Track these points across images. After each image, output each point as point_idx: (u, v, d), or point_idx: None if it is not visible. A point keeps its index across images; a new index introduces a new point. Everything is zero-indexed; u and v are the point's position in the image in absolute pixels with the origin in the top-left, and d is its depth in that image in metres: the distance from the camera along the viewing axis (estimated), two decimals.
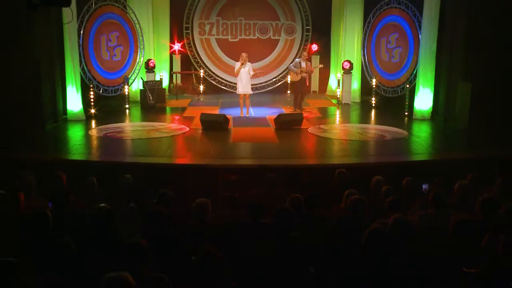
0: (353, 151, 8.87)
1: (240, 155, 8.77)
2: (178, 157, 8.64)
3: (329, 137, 9.90)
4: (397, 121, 11.50)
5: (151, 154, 8.55)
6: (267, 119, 11.86)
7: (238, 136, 10.09)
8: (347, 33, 14.86)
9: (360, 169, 7.69)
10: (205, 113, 10.98)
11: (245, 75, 11.87)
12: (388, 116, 12.27)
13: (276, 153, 8.77)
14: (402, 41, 12.96)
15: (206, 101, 14.89)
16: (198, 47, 16.58)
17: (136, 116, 12.79)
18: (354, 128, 10.92)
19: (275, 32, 16.68)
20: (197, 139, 10.00)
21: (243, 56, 11.89)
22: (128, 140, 9.68)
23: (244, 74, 11.87)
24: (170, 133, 10.19)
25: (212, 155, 8.50)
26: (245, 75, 11.87)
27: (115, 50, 13.51)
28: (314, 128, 10.75)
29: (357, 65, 14.75)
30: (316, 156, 8.72)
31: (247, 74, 11.89)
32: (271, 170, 6.82)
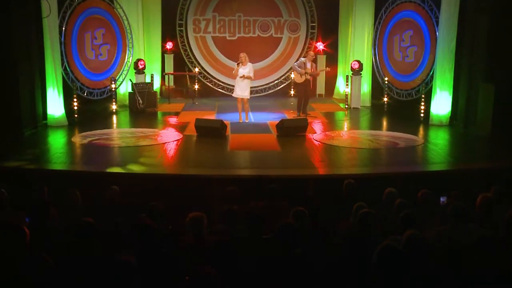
0: (362, 160, 8.87)
1: (239, 165, 8.78)
2: (170, 166, 8.64)
3: (336, 145, 9.91)
4: (412, 127, 11.52)
5: (140, 163, 8.56)
6: (268, 125, 11.88)
7: (236, 143, 10.10)
8: (356, 31, 14.92)
9: (370, 180, 7.69)
10: (200, 119, 11.00)
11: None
12: (401, 122, 12.28)
13: (278, 162, 8.77)
14: (417, 39, 13.01)
15: (201, 105, 14.91)
16: (192, 46, 16.65)
17: (124, 121, 12.80)
18: (364, 135, 10.93)
19: (277, 30, 16.76)
20: (192, 147, 10.00)
21: (241, 56, 11.92)
22: (116, 148, 9.69)
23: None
24: (161, 141, 10.19)
25: (208, 164, 8.50)
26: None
27: (101, 48, 13.56)
28: (320, 135, 10.76)
29: (367, 66, 14.80)
30: (322, 165, 8.72)
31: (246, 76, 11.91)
32: (273, 181, 6.82)
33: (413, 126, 11.71)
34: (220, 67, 16.76)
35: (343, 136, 10.86)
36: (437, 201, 6.40)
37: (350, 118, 13.34)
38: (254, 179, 7.71)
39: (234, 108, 12.73)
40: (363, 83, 14.76)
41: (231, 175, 8.00)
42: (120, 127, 11.99)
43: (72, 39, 12.53)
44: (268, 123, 12.06)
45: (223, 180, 7.58)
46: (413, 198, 6.08)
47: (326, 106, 14.97)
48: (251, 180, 7.67)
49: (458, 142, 10.47)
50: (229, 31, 16.68)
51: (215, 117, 12.75)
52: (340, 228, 5.23)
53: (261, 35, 16.74)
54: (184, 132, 10.97)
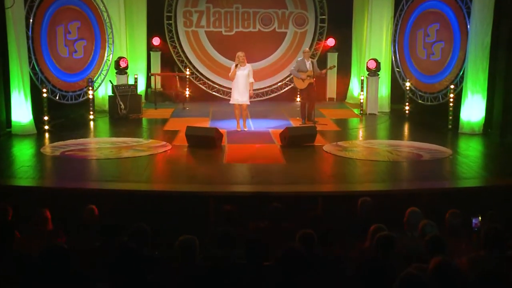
0: (380, 175, 8.86)
1: (237, 180, 8.77)
2: (157, 182, 8.63)
3: (349, 157, 9.91)
4: (438, 136, 11.53)
5: (122, 178, 8.55)
6: (271, 133, 11.90)
7: (233, 155, 10.11)
8: (373, 24, 15.00)
9: (390, 198, 7.68)
10: (192, 127, 11.01)
11: (243, 80, 11.90)
12: (426, 130, 12.29)
13: (282, 177, 8.77)
14: (444, 34, 13.05)
15: (193, 111, 14.94)
16: (183, 42, 16.73)
17: (104, 129, 12.81)
18: (382, 145, 10.94)
19: (281, 23, 16.85)
20: (182, 159, 10.00)
21: (239, 56, 11.92)
22: (93, 161, 9.69)
23: (241, 79, 11.89)
24: (147, 152, 10.21)
25: (200, 179, 8.50)
26: (243, 80, 11.90)
27: (75, 45, 13.62)
28: (331, 146, 10.77)
29: (385, 65, 14.85)
30: (333, 181, 8.71)
31: (245, 79, 11.91)
32: (276, 199, 6.81)
33: (440, 135, 11.72)
34: (214, 67, 16.83)
35: (358, 147, 10.86)
36: (468, 223, 6.38)
37: (365, 125, 13.34)
38: (254, 196, 7.70)
39: (231, 114, 12.74)
40: (381, 85, 14.80)
41: (227, 191, 7.99)
42: (99, 136, 11.99)
43: (41, 34, 12.56)
44: (270, 132, 12.07)
45: (218, 197, 7.58)
46: (440, 219, 6.07)
47: (338, 112, 14.97)
48: (251, 198, 7.65)
49: (493, 154, 10.47)
50: (226, 25, 16.77)
51: (209, 124, 12.75)
52: (354, 254, 5.21)
53: (262, 30, 16.82)
54: (173, 142, 10.97)
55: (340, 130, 12.59)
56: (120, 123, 13.11)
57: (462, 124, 12.03)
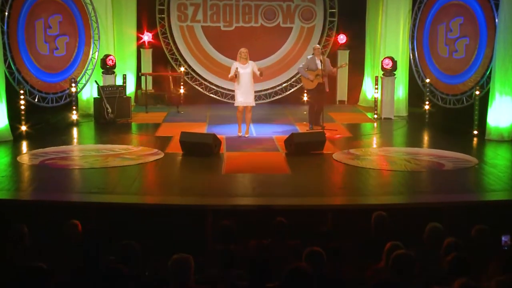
0: (397, 186, 8.85)
1: (237, 192, 8.76)
2: (148, 194, 8.62)
3: (362, 166, 9.89)
4: (462, 143, 11.51)
5: (109, 190, 8.54)
6: (275, 140, 11.91)
7: (233, 164, 10.10)
8: (388, 18, 15.00)
9: (407, 212, 7.65)
10: (187, 132, 11.01)
11: (247, 79, 11.90)
12: (448, 136, 12.28)
13: (288, 188, 8.75)
14: (469, 28, 13.04)
15: (188, 115, 14.94)
16: (177, 39, 16.75)
17: (88, 136, 12.80)
18: (399, 153, 10.92)
19: (286, 18, 16.87)
20: (176, 168, 9.98)
21: (242, 52, 11.92)
22: (76, 171, 9.69)
23: (244, 78, 11.89)
24: (137, 161, 10.20)
25: (196, 191, 8.49)
26: (247, 80, 11.91)
27: (57, 41, 13.63)
28: (342, 154, 10.76)
29: (402, 64, 14.85)
30: (344, 193, 8.70)
31: (249, 78, 11.92)
32: (281, 213, 6.79)
33: (464, 142, 11.69)
34: (212, 66, 16.84)
35: (372, 155, 10.85)
36: (497, 240, 6.36)
37: (380, 131, 13.33)
38: (256, 210, 7.69)
39: (231, 118, 12.74)
40: (398, 86, 14.79)
41: (226, 205, 7.98)
42: (83, 143, 11.98)
43: (18, 28, 12.55)
44: (274, 138, 12.07)
45: (216, 211, 7.57)
46: (465, 236, 6.04)
47: (349, 116, 14.97)
48: (252, 212, 7.64)
49: None
50: (224, 19, 16.79)
51: (206, 130, 12.74)
52: (368, 275, 5.19)
53: (265, 25, 16.84)
54: (166, 150, 10.96)
55: (351, 137, 12.58)
56: (107, 129, 13.10)
57: (489, 129, 12.01)
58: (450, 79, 13.64)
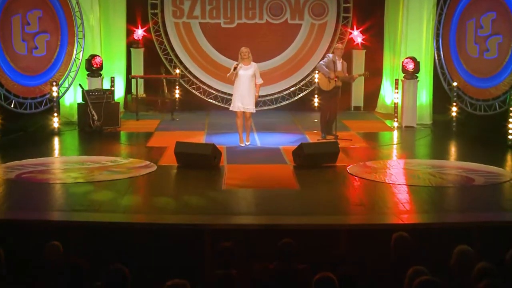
0: (420, 204, 8.84)
1: (239, 209, 8.76)
2: (139, 212, 8.62)
3: (381, 181, 9.89)
4: (494, 155, 11.51)
5: (95, 207, 8.54)
6: (281, 151, 11.92)
7: (235, 178, 10.10)
8: (410, 14, 14.99)
9: (432, 233, 7.65)
10: (182, 142, 11.02)
11: (247, 82, 11.95)
12: (478, 147, 12.28)
13: (296, 205, 8.75)
14: (502, 25, 13.03)
15: (184, 123, 14.96)
16: (171, 37, 16.76)
17: (72, 146, 12.82)
18: (423, 166, 10.91)
19: (295, 13, 16.88)
20: (171, 183, 9.99)
21: (242, 52, 11.98)
22: (58, 186, 9.67)
23: (244, 81, 11.95)
24: (126, 174, 10.21)
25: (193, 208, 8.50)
26: (246, 82, 11.96)
27: (36, 39, 13.65)
28: (357, 167, 10.76)
29: (426, 65, 14.85)
30: (360, 211, 8.69)
31: (249, 81, 11.97)
32: (288, 233, 6.78)
33: (497, 154, 11.69)
34: (211, 68, 16.84)
35: (392, 168, 10.85)
36: None
37: (401, 141, 13.32)
38: (261, 230, 7.69)
39: (232, 126, 12.75)
40: (420, 90, 14.78)
41: (227, 224, 7.97)
42: (65, 155, 11.99)
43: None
44: (280, 149, 12.07)
45: (215, 232, 7.57)
46: (498, 261, 6.04)
47: (366, 124, 14.97)
48: (256, 232, 7.64)
49: None
50: (225, 15, 16.80)
51: (204, 140, 12.76)
52: None
53: (271, 21, 16.84)
54: (159, 162, 10.97)
55: (368, 147, 12.59)
56: (93, 138, 13.12)
57: None
58: (481, 82, 13.62)
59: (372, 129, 14.45)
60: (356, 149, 12.28)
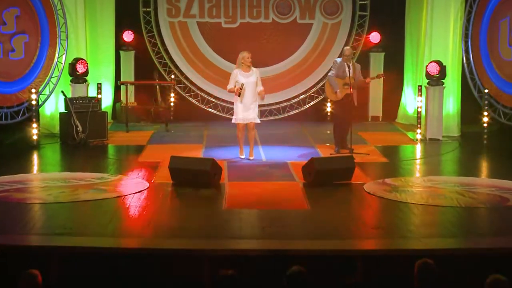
0: (447, 227, 8.82)
1: (241, 233, 8.75)
2: (129, 236, 8.63)
3: (402, 201, 9.87)
4: None
5: (79, 231, 8.54)
6: (290, 166, 11.96)
7: (238, 197, 10.12)
8: (434, 13, 15.02)
9: (461, 260, 7.63)
10: (178, 157, 11.03)
11: (249, 90, 12.04)
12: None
13: (306, 228, 8.75)
14: None
15: (180, 135, 15.00)
16: (166, 38, 16.82)
17: (53, 161, 12.86)
18: (450, 184, 10.91)
19: (305, 12, 16.94)
20: (165, 203, 10.00)
21: (244, 57, 12.04)
22: (37, 206, 9.67)
23: (247, 89, 12.02)
24: (115, 193, 10.22)
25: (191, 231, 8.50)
26: (249, 91, 12.04)
27: (13, 41, 13.69)
28: (375, 184, 10.76)
29: (453, 70, 14.86)
30: (378, 234, 8.67)
31: (252, 89, 12.06)
32: (298, 260, 6.78)
33: None
34: (210, 73, 16.89)
35: (414, 187, 10.83)
36: None
37: (425, 156, 13.32)
38: (267, 257, 7.69)
39: (233, 138, 12.76)
40: (447, 98, 14.79)
41: (228, 249, 7.96)
42: (45, 171, 12.01)
43: None
44: (289, 164, 12.11)
45: (215, 258, 7.57)
46: None
47: (385, 137, 14.99)
48: (262, 258, 7.65)
49: None
50: (226, 13, 16.85)
51: (202, 154, 12.79)
52: None
53: (278, 21, 16.89)
54: (153, 179, 11.00)
55: (388, 162, 12.61)
56: (77, 152, 13.16)
57: None
58: None
59: (392, 142, 14.47)
60: (374, 165, 12.30)
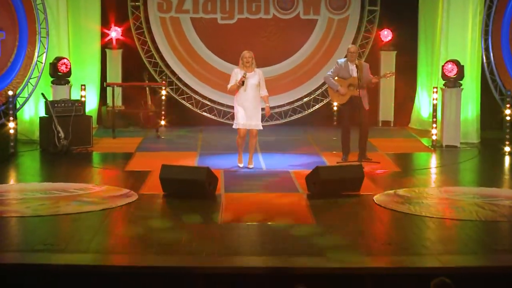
0: (466, 243, 8.83)
1: (239, 249, 8.74)
2: (115, 253, 8.61)
3: (416, 214, 9.87)
4: None
5: (61, 247, 8.52)
6: (292, 176, 11.98)
7: (235, 210, 10.12)
8: (451, 8, 15.04)
9: (481, 279, 7.63)
10: (170, 166, 11.04)
11: (251, 93, 12.08)
12: None
13: (311, 244, 8.74)
14: None
15: (172, 141, 15.04)
16: (157, 36, 16.83)
17: (32, 170, 12.86)
18: (469, 195, 10.90)
19: (309, 7, 16.98)
20: (155, 217, 10.00)
21: (244, 57, 12.05)
22: (13, 220, 9.66)
23: (248, 92, 12.07)
24: (100, 205, 10.21)
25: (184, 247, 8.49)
26: (251, 94, 12.09)
27: None
28: (387, 196, 10.76)
29: (472, 70, 14.88)
30: (390, 251, 8.67)
31: (253, 92, 12.09)
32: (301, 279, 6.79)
33: None
34: (205, 73, 16.90)
35: (429, 198, 10.82)
36: None
37: (441, 164, 13.34)
38: (268, 275, 7.69)
39: (231, 146, 12.77)
40: (465, 101, 14.79)
41: (225, 267, 7.96)
42: (24, 181, 12.00)
43: None
44: (291, 173, 12.14)
45: (211, 276, 7.58)
46: None
47: (398, 143, 15.03)
48: (262, 278, 7.64)
49: None
50: (223, 9, 16.89)
51: (196, 162, 12.80)
52: None
53: (280, 16, 16.92)
54: (141, 190, 11.00)
55: (400, 172, 12.62)
56: (58, 160, 13.17)
57: None
58: None
59: (404, 149, 14.50)
60: (385, 174, 12.31)
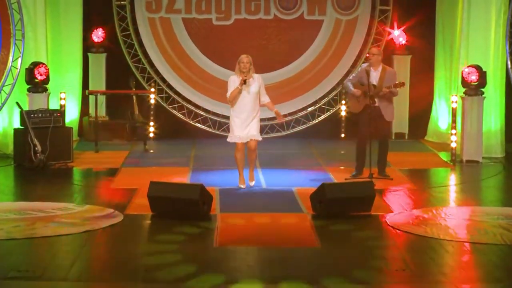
0: (490, 269, 8.82)
1: (236, 274, 8.72)
2: (96, 281, 8.59)
3: (434, 237, 9.87)
4: None
5: (36, 274, 8.51)
6: (295, 194, 11.99)
7: (232, 232, 10.13)
8: (472, 8, 15.08)
9: None
10: (159, 183, 11.04)
11: (249, 102, 12.12)
12: None
13: (316, 270, 8.73)
14: None
15: (162, 156, 15.05)
16: (144, 38, 16.86)
17: (5, 188, 12.85)
18: (492, 216, 10.90)
19: (313, 6, 17.02)
20: (142, 239, 10.00)
21: (242, 60, 12.07)
22: None
23: (246, 101, 12.11)
24: (81, 227, 10.20)
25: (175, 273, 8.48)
26: (249, 103, 12.12)
27: None
28: (400, 216, 10.76)
29: (495, 77, 14.90)
30: (404, 278, 8.65)
31: (252, 100, 12.13)
32: None
33: None
34: (198, 80, 16.93)
35: (448, 219, 10.83)
36: None
37: (461, 181, 13.34)
38: None
39: (228, 160, 12.77)
40: (488, 111, 14.80)
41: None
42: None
43: None
44: (294, 191, 12.15)
45: None
46: None
47: (412, 158, 15.05)
48: None
49: None
50: (218, 8, 16.92)
51: (189, 179, 12.79)
52: None
53: (281, 17, 16.97)
54: (127, 210, 11.00)
55: (415, 189, 12.61)
56: (35, 177, 13.17)
57: None
58: None
59: (420, 165, 14.53)
60: (399, 192, 12.30)
